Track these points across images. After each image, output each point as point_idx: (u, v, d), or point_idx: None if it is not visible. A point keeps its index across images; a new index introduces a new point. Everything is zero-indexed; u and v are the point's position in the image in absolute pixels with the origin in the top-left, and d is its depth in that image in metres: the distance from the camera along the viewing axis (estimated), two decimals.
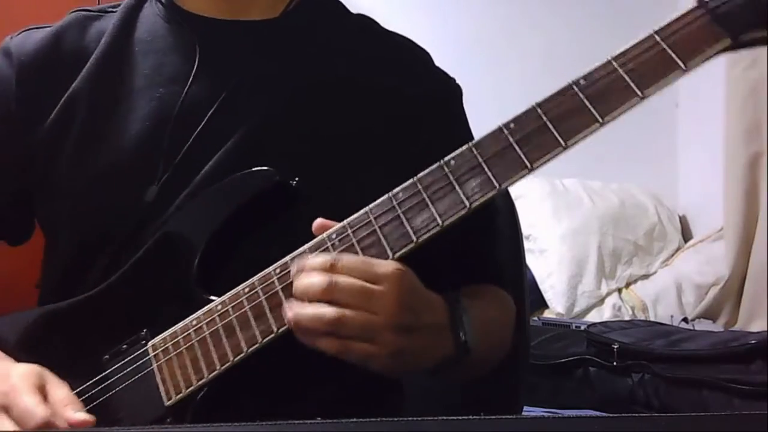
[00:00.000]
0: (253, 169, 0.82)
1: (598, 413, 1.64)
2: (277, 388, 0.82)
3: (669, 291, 2.40)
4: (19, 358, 0.79)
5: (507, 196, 1.14)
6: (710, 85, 2.42)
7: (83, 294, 0.84)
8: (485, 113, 0.90)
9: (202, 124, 0.86)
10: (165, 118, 0.87)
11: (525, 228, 1.37)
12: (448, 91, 0.98)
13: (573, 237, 2.48)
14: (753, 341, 1.70)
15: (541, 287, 2.39)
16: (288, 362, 0.75)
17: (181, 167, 0.85)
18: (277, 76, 0.91)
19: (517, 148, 0.70)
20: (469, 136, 0.94)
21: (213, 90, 0.88)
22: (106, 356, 0.80)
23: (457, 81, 0.99)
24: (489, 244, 0.98)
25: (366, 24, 1.00)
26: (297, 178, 0.81)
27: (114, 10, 0.97)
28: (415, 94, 0.92)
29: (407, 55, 0.98)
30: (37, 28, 0.97)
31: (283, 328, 0.72)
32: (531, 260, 2.41)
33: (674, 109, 2.87)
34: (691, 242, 2.64)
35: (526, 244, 0.96)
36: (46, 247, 0.94)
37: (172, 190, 0.84)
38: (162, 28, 0.94)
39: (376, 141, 0.89)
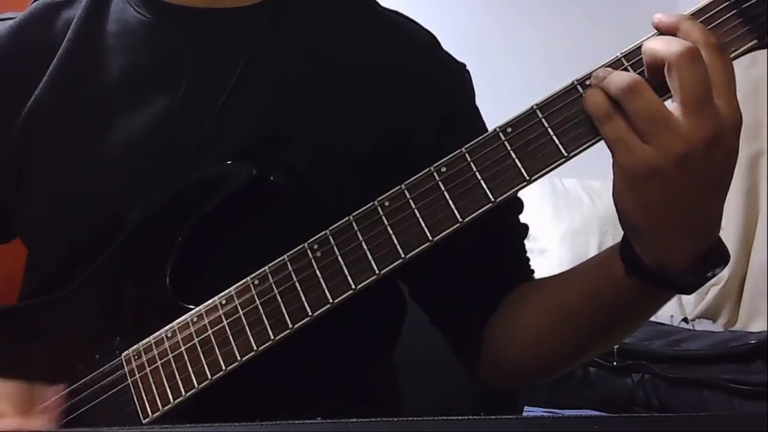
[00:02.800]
0: (228, 163, 0.76)
1: (598, 413, 1.64)
2: (264, 398, 0.76)
3: None
4: None
5: None
6: None
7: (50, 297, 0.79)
8: (484, 112, 0.90)
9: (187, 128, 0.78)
10: (152, 127, 0.79)
11: None
12: (456, 86, 0.88)
13: (573, 237, 2.47)
14: (753, 341, 1.70)
15: None
16: (277, 373, 0.72)
17: (174, 178, 0.77)
18: (274, 73, 0.80)
19: (515, 157, 0.64)
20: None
21: (207, 96, 0.79)
22: (79, 366, 0.75)
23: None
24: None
25: (364, 7, 0.89)
26: (275, 173, 0.75)
27: None
28: (417, 89, 0.83)
29: (407, 46, 0.86)
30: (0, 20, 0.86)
31: (264, 346, 0.69)
32: (531, 260, 2.40)
33: None
34: None
35: (527, 244, 0.96)
36: (27, 254, 0.88)
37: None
38: (134, 18, 0.83)
39: (375, 135, 0.81)
